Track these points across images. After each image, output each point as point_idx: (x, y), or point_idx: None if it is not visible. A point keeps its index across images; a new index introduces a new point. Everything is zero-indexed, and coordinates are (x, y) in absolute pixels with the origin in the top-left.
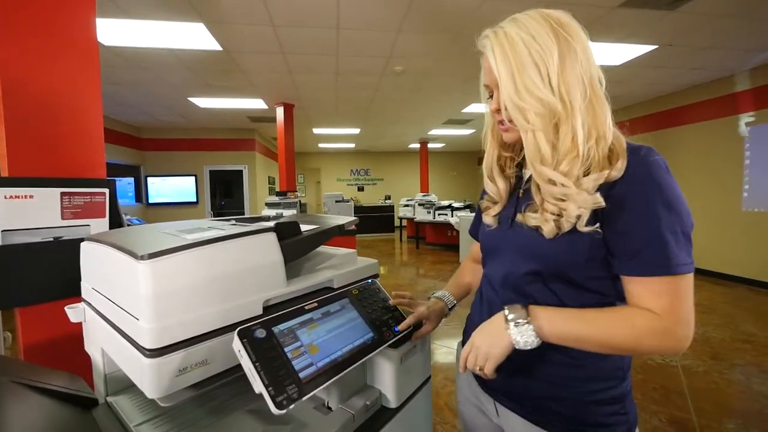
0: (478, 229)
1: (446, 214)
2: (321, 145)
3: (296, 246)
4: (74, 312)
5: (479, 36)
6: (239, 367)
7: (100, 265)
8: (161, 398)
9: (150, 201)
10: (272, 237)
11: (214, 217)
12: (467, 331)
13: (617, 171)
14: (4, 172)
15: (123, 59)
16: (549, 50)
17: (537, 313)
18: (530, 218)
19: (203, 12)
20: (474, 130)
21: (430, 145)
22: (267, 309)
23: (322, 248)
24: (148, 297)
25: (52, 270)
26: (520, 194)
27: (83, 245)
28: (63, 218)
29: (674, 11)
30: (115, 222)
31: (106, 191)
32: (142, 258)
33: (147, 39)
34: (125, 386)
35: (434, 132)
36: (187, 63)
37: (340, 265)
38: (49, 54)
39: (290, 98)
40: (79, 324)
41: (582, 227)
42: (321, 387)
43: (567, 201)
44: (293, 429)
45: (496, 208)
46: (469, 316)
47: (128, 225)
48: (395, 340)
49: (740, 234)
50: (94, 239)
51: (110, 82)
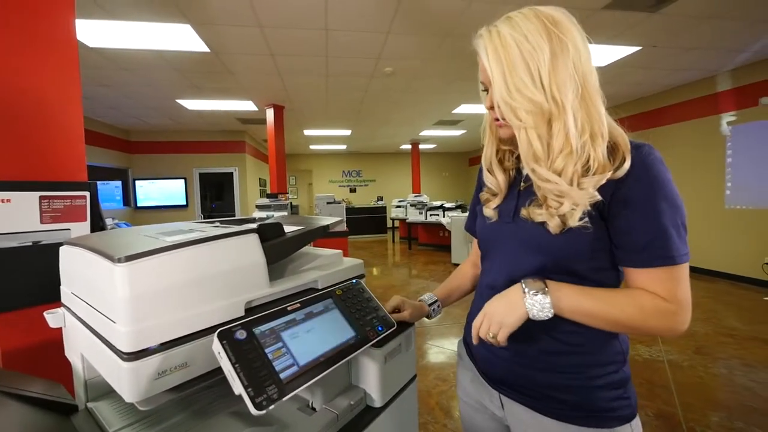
0: (475, 224)
1: (438, 215)
2: (312, 147)
3: (279, 247)
4: (53, 317)
5: (474, 35)
6: (221, 370)
7: (79, 269)
8: (140, 402)
9: (138, 204)
10: (254, 238)
11: (211, 220)
12: (469, 326)
13: (622, 171)
14: None
15: (109, 61)
16: (540, 49)
17: (555, 286)
18: (536, 214)
19: (189, 13)
20: (465, 131)
21: (422, 146)
22: (249, 311)
23: (309, 249)
24: (125, 300)
25: (31, 275)
26: (521, 188)
27: (62, 249)
28: (42, 222)
29: (657, 13)
30: (97, 225)
31: (87, 194)
32: (119, 261)
33: (133, 40)
34: (105, 392)
35: (425, 133)
36: (175, 64)
37: (326, 266)
38: (26, 55)
39: (280, 100)
40: (59, 329)
41: (574, 222)
42: (302, 387)
43: (563, 197)
44: (276, 430)
45: (496, 200)
46: (470, 313)
47: (114, 228)
48: (378, 340)
49: (723, 231)
50: (73, 243)
51: (96, 84)
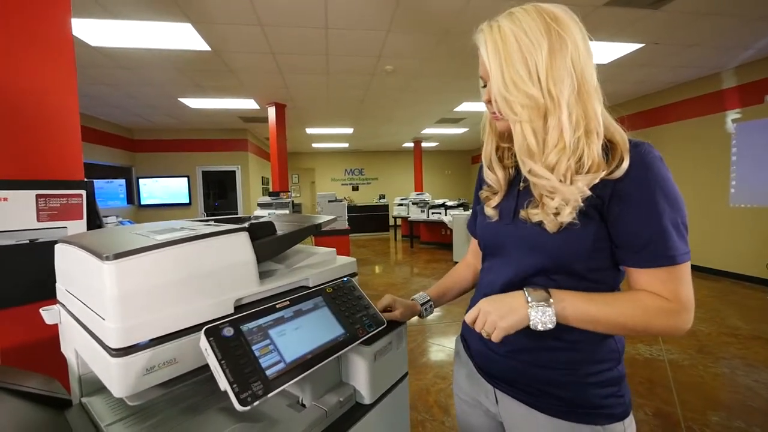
0: (474, 225)
1: (440, 213)
2: (315, 145)
3: (269, 245)
4: (49, 314)
5: (475, 31)
6: (209, 366)
7: (71, 266)
8: (129, 397)
9: (142, 202)
10: (244, 237)
11: (211, 218)
12: (467, 324)
13: (621, 170)
14: None
15: (111, 60)
16: (539, 44)
17: (560, 296)
18: (533, 214)
19: (190, 12)
20: (467, 129)
21: (424, 144)
22: (239, 308)
23: (302, 247)
24: (113, 297)
25: (28, 272)
26: (521, 188)
27: (57, 247)
28: (39, 220)
29: (659, 10)
30: (94, 223)
31: (83, 193)
32: (107, 258)
33: (134, 39)
34: (99, 387)
35: (427, 131)
36: (176, 63)
37: (317, 264)
38: (24, 54)
39: (282, 98)
40: (56, 326)
41: (564, 218)
42: (287, 384)
43: (554, 194)
44: (265, 426)
45: (496, 198)
46: (469, 309)
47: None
48: (368, 337)
49: (727, 229)
50: (67, 241)
51: (99, 83)
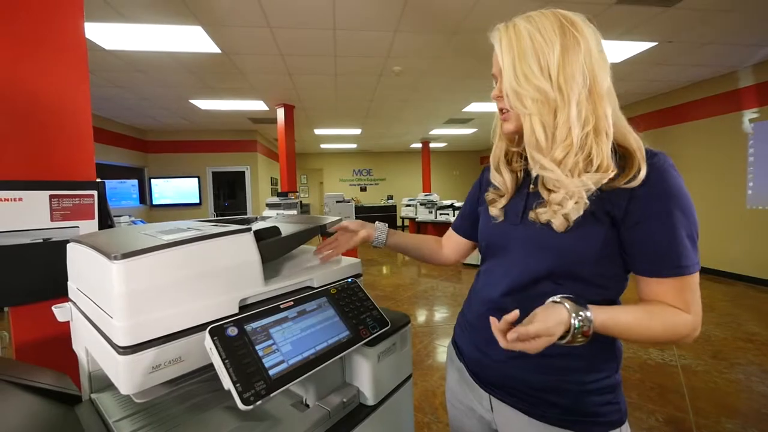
0: (465, 225)
1: (447, 214)
2: (323, 146)
3: (274, 246)
4: (61, 311)
5: (489, 30)
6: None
7: (82, 265)
8: (135, 394)
9: (154, 202)
10: (249, 237)
11: (217, 218)
12: (459, 328)
13: (638, 180)
14: None
15: (125, 63)
16: (552, 42)
17: (597, 309)
18: (541, 213)
19: (200, 15)
20: (476, 129)
21: (432, 145)
22: (243, 308)
23: (309, 248)
24: (121, 296)
25: (42, 271)
26: (531, 190)
27: (69, 246)
28: (52, 220)
29: (673, 7)
30: (105, 223)
31: (95, 193)
32: (115, 258)
33: (147, 42)
34: (108, 383)
35: (436, 131)
36: (188, 66)
37: (323, 265)
38: (37, 58)
39: (290, 99)
40: (68, 323)
41: (567, 209)
42: (290, 384)
43: (560, 188)
44: (268, 425)
45: (503, 201)
46: (462, 313)
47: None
48: (371, 339)
49: (744, 232)
50: (78, 240)
51: (113, 86)
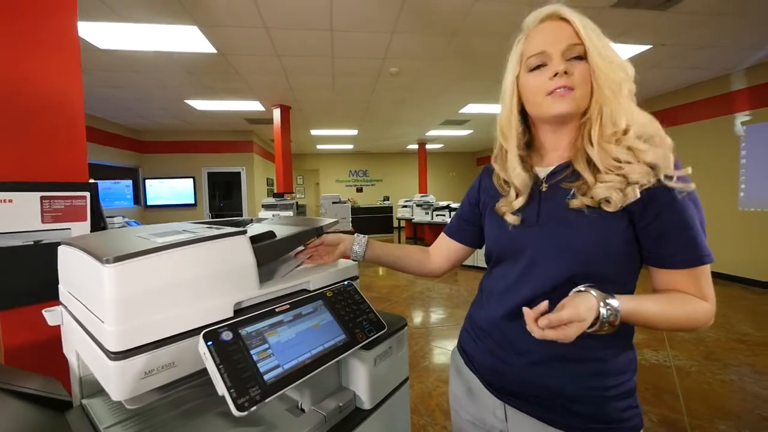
0: (460, 230)
1: (444, 215)
2: (319, 147)
3: (270, 249)
4: (51, 315)
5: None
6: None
7: (73, 269)
8: (127, 400)
9: (148, 203)
10: (244, 240)
11: (213, 219)
12: (465, 334)
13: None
14: None
15: (120, 62)
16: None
17: (623, 298)
18: (600, 189)
19: (196, 15)
20: (472, 131)
21: (429, 146)
22: (238, 312)
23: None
24: (112, 300)
25: (32, 273)
26: (544, 189)
27: (60, 249)
28: (43, 222)
29: (666, 11)
30: (98, 225)
31: (87, 195)
32: (107, 261)
33: (143, 42)
34: (99, 389)
35: (432, 133)
36: (183, 66)
37: (319, 268)
38: (30, 57)
39: (287, 100)
40: (58, 327)
41: (634, 192)
42: (286, 389)
43: (627, 170)
44: (264, 430)
45: (518, 202)
46: (470, 319)
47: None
48: (368, 342)
49: (736, 233)
50: (69, 243)
51: (108, 86)
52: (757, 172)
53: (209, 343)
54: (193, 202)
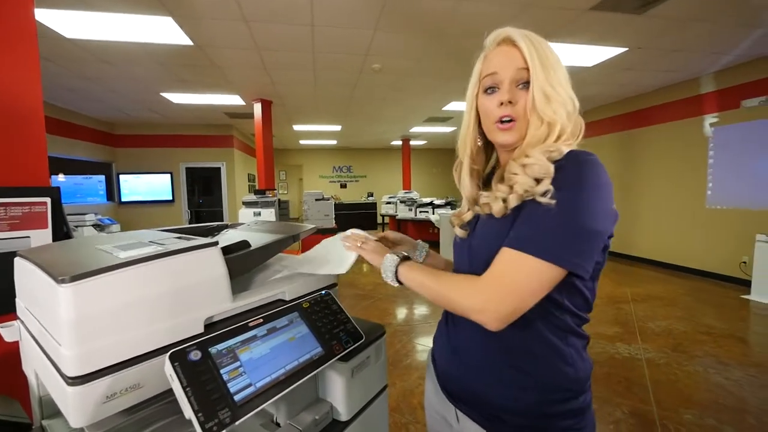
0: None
1: (427, 212)
2: (302, 142)
3: (243, 260)
4: (8, 331)
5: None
6: None
7: (29, 284)
8: (88, 426)
9: (123, 199)
10: (215, 252)
11: (190, 217)
12: (437, 339)
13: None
14: None
15: (89, 53)
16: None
17: (409, 264)
18: (483, 204)
19: (170, 5)
20: (455, 128)
21: (412, 142)
22: (210, 326)
23: (282, 256)
24: (69, 322)
25: None
26: (480, 203)
27: (16, 261)
28: None
29: (643, 15)
30: (61, 232)
31: (48, 200)
32: (63, 281)
33: (113, 32)
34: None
35: (416, 129)
36: (158, 58)
37: (296, 276)
38: None
39: (268, 95)
40: (17, 342)
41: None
42: (257, 409)
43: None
44: None
45: (468, 215)
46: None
47: (101, 227)
48: (345, 354)
49: (703, 230)
50: (24, 256)
51: (77, 77)
52: (723, 172)
53: (176, 364)
54: (171, 199)
